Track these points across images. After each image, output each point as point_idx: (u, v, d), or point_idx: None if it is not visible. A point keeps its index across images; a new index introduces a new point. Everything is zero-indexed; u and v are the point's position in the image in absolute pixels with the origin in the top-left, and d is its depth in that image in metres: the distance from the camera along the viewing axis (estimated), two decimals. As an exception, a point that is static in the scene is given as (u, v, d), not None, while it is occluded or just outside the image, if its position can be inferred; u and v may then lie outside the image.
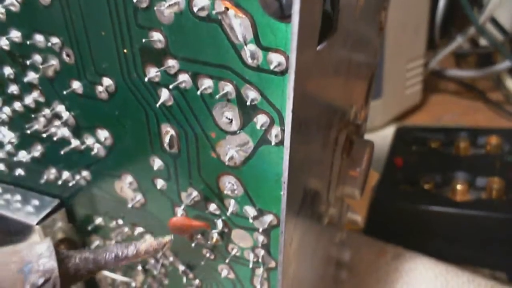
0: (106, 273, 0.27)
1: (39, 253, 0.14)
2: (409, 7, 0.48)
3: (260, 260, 0.20)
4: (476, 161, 0.37)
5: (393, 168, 0.39)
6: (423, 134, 0.42)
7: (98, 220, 0.24)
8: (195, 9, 0.15)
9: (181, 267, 0.24)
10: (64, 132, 0.22)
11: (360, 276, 0.34)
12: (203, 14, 0.15)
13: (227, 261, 0.21)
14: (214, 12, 0.15)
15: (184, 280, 0.24)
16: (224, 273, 0.22)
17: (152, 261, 0.25)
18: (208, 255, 0.22)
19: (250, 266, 0.20)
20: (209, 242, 0.21)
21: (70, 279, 0.14)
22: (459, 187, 0.34)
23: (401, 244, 0.35)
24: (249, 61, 0.15)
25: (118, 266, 0.16)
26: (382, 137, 0.48)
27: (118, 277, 0.27)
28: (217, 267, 0.22)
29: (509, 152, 0.37)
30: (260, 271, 0.21)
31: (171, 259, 0.24)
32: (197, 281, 0.24)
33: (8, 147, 0.24)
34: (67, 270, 0.14)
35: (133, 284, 0.26)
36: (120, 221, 0.24)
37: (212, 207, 0.20)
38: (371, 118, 0.33)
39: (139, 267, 0.25)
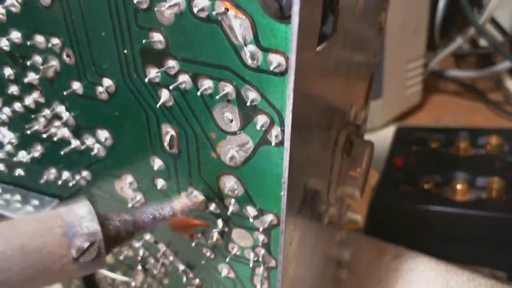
0: (106, 272, 0.27)
1: (81, 216, 0.14)
2: (409, 7, 0.48)
3: (260, 259, 0.20)
4: (476, 161, 0.37)
5: (393, 168, 0.39)
6: (423, 134, 0.42)
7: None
8: (195, 10, 0.15)
9: (181, 267, 0.24)
10: (64, 132, 0.22)
11: (360, 275, 0.34)
12: (203, 15, 0.15)
13: (227, 260, 0.21)
14: (214, 13, 0.15)
15: (184, 279, 0.24)
16: (224, 272, 0.22)
17: (152, 260, 0.25)
18: (208, 254, 0.22)
19: (250, 265, 0.20)
20: (209, 242, 0.21)
21: (111, 242, 0.14)
22: (459, 187, 0.34)
23: (401, 244, 0.35)
24: (249, 61, 0.15)
25: (156, 227, 0.16)
26: (382, 137, 0.48)
27: (118, 277, 0.27)
28: (217, 266, 0.22)
29: (509, 152, 0.37)
30: (260, 270, 0.21)
31: (171, 258, 0.24)
32: (197, 281, 0.24)
33: (8, 147, 0.24)
34: (109, 232, 0.14)
35: (133, 284, 0.26)
36: (120, 221, 0.24)
37: (212, 206, 0.20)
38: (371, 118, 0.33)
39: (139, 267, 0.25)
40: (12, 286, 0.13)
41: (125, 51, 0.17)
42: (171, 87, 0.17)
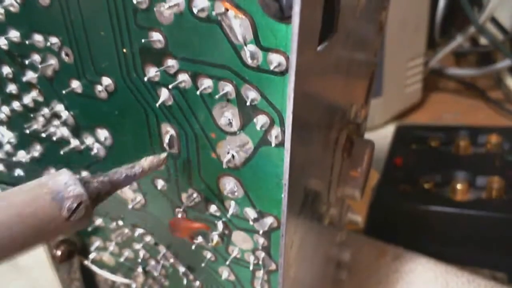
0: (106, 274, 0.27)
1: (64, 182, 0.15)
2: (409, 6, 0.48)
3: (260, 262, 0.20)
4: (476, 160, 0.37)
5: (393, 168, 0.39)
6: (423, 133, 0.42)
7: (98, 221, 0.24)
8: (195, 10, 0.15)
9: (182, 269, 0.23)
10: (64, 131, 0.22)
11: (360, 276, 0.34)
12: (203, 15, 0.15)
13: (227, 263, 0.21)
14: (214, 13, 0.15)
15: (185, 281, 0.24)
16: (224, 275, 0.22)
17: (152, 262, 0.25)
18: (208, 256, 0.22)
19: (251, 268, 0.20)
20: (209, 244, 0.21)
21: (94, 201, 0.16)
22: (459, 186, 0.34)
23: (401, 244, 0.35)
24: (249, 61, 0.15)
25: (129, 184, 0.17)
26: (382, 136, 0.47)
27: (119, 279, 0.27)
28: (217, 269, 0.22)
29: (509, 151, 0.37)
30: (260, 273, 0.20)
31: (171, 260, 0.24)
32: (197, 283, 0.24)
33: (7, 147, 0.24)
34: (91, 194, 0.16)
35: (134, 286, 0.26)
36: (120, 222, 0.24)
37: (213, 208, 0.19)
38: (371, 117, 0.33)
39: (140, 269, 0.25)
40: (15, 249, 0.15)
41: (124, 50, 0.17)
42: (170, 86, 0.17)
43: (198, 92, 0.16)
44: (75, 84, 0.20)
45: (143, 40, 0.16)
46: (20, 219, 0.14)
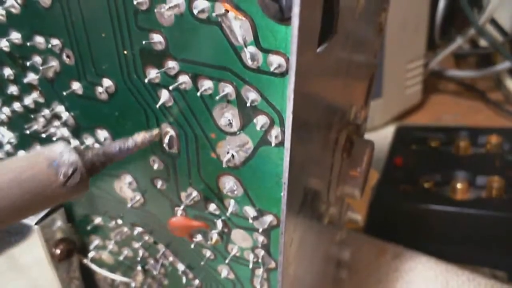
0: (106, 273, 0.27)
1: (59, 151, 0.16)
2: (409, 7, 0.48)
3: (260, 260, 0.20)
4: (476, 160, 0.37)
5: (393, 168, 0.39)
6: (423, 134, 0.42)
7: (98, 220, 0.24)
8: (195, 11, 0.15)
9: (181, 267, 0.24)
10: (64, 132, 0.22)
11: (360, 275, 0.34)
12: (203, 16, 0.15)
13: (227, 261, 0.21)
14: (214, 14, 0.15)
15: (184, 280, 0.24)
16: (224, 273, 0.22)
17: (151, 261, 0.25)
18: (208, 255, 0.22)
19: (250, 266, 0.20)
20: (208, 242, 0.21)
21: (89, 170, 0.17)
22: (459, 186, 0.34)
23: (401, 243, 0.35)
24: (249, 62, 0.15)
25: (123, 157, 0.18)
26: (382, 137, 0.48)
27: (118, 278, 0.27)
28: (217, 267, 0.22)
29: (509, 151, 0.37)
30: (260, 271, 0.21)
31: (171, 259, 0.24)
32: (197, 281, 0.24)
33: (8, 147, 0.24)
34: (86, 162, 0.16)
35: (133, 285, 0.26)
36: (120, 221, 0.24)
37: (212, 207, 0.20)
38: (371, 118, 0.33)
39: (139, 267, 0.25)
40: (14, 212, 0.15)
41: (125, 52, 0.17)
42: (171, 88, 0.17)
43: (198, 94, 0.16)
44: (76, 86, 0.20)
45: (143, 42, 0.17)
46: (18, 183, 0.15)
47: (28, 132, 0.22)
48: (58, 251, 0.25)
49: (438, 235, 0.35)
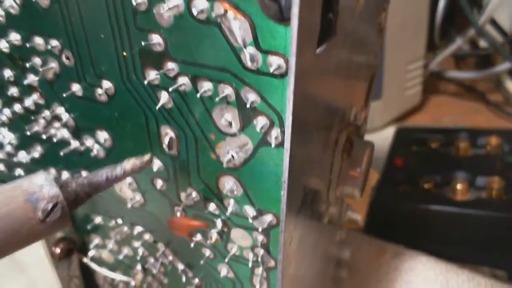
0: (105, 272, 0.27)
1: (39, 184, 0.15)
2: (409, 8, 0.48)
3: (259, 259, 0.20)
4: (476, 161, 0.37)
5: (393, 168, 0.39)
6: (423, 135, 0.42)
7: (98, 220, 0.24)
8: (194, 12, 0.15)
9: (181, 266, 0.24)
10: (64, 133, 0.22)
11: (360, 275, 0.34)
12: (202, 16, 0.15)
13: (226, 260, 0.21)
14: (213, 14, 0.15)
15: (184, 279, 0.24)
16: (223, 272, 0.22)
17: (151, 260, 0.25)
18: (207, 254, 0.22)
19: (250, 265, 0.20)
20: (208, 242, 0.21)
21: (72, 203, 0.16)
22: (459, 186, 0.34)
23: (401, 243, 0.35)
24: (249, 64, 0.15)
25: (110, 186, 0.17)
26: (382, 138, 0.48)
27: (118, 276, 0.27)
28: (216, 266, 0.22)
29: (509, 153, 0.37)
30: (259, 270, 0.21)
31: (170, 258, 0.24)
32: (196, 280, 0.24)
33: (8, 148, 0.24)
34: (68, 195, 0.16)
35: (133, 283, 0.26)
36: (120, 221, 0.24)
37: (212, 207, 0.20)
38: (371, 119, 0.33)
39: (139, 266, 0.25)
40: None
41: (124, 53, 0.17)
42: (170, 89, 0.17)
43: (198, 95, 0.16)
44: (76, 87, 0.20)
45: (143, 43, 0.17)
46: None
47: (28, 133, 0.22)
48: (58, 250, 0.25)
49: (438, 236, 0.35)
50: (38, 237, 0.15)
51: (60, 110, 0.21)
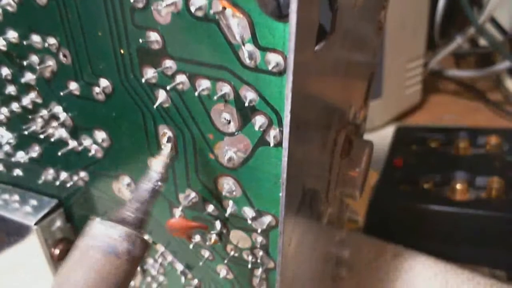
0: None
1: (104, 233, 0.16)
2: (409, 7, 0.48)
3: (258, 260, 0.20)
4: (476, 160, 0.37)
5: (392, 168, 0.39)
6: (423, 134, 0.42)
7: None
8: (192, 9, 0.15)
9: (180, 267, 0.23)
10: (62, 133, 0.22)
11: (359, 275, 0.33)
12: (200, 14, 0.15)
13: (225, 261, 0.21)
14: (211, 11, 0.15)
15: (183, 280, 0.24)
16: (222, 273, 0.22)
17: (150, 261, 0.25)
18: (206, 255, 0.22)
19: (249, 266, 0.20)
20: (207, 243, 0.21)
21: (140, 228, 0.17)
22: (458, 186, 0.34)
23: (401, 243, 0.35)
24: (247, 61, 0.15)
25: (157, 198, 0.17)
26: (381, 137, 0.47)
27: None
28: (215, 267, 0.22)
29: (508, 152, 0.37)
30: (259, 271, 0.20)
31: (169, 259, 0.24)
32: (195, 281, 0.24)
33: (6, 148, 0.24)
34: (132, 225, 0.16)
35: (132, 284, 0.26)
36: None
37: (210, 208, 0.19)
38: (370, 118, 0.33)
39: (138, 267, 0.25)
40: None
41: (122, 51, 0.17)
42: (168, 88, 0.17)
43: (196, 94, 0.16)
44: (73, 86, 0.20)
45: (140, 41, 0.16)
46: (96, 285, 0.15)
47: (26, 132, 0.22)
48: (57, 251, 0.25)
49: (438, 236, 0.35)
50: (136, 266, 0.16)
51: (58, 109, 0.21)
